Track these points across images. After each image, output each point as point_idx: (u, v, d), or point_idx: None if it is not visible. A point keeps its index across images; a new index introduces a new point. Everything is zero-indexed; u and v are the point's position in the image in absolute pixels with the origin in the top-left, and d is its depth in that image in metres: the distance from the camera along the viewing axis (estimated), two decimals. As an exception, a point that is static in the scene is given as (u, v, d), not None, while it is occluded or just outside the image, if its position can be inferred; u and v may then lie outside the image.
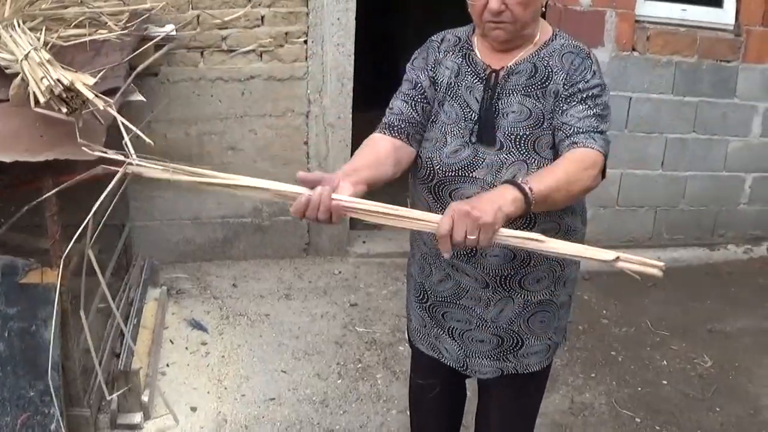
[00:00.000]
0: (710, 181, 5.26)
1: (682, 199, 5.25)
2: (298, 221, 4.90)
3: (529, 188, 1.90)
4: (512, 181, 1.95)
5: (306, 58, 4.61)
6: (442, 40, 2.37)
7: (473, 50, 2.31)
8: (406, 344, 3.17)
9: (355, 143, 4.69)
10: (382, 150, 2.21)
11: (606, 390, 3.83)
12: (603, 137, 2.12)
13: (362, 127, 2.47)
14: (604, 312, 4.52)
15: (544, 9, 2.23)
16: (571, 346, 4.09)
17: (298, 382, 3.77)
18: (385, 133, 2.27)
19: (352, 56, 4.64)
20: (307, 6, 4.51)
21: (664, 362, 4.03)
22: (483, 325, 2.37)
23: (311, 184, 1.88)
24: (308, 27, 4.55)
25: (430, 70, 2.32)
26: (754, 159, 5.28)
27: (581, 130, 2.11)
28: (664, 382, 3.88)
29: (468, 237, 1.79)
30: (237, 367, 3.84)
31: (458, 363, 2.47)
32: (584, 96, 2.15)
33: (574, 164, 2.04)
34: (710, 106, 5.06)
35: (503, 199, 1.87)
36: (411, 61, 2.38)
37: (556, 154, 2.17)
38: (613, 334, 4.29)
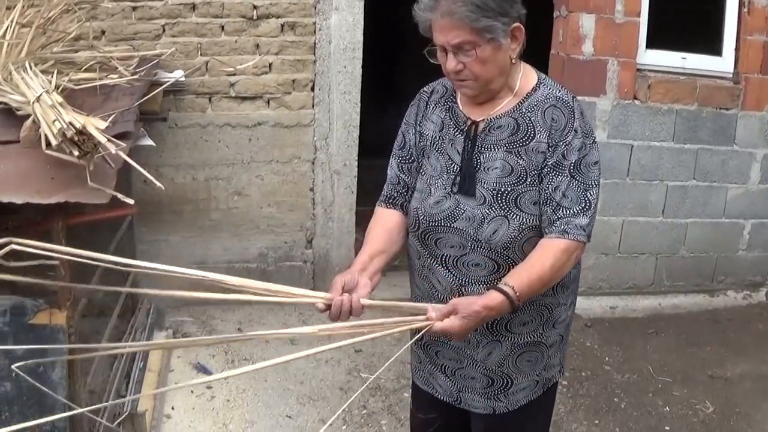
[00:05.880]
0: (710, 228, 5.30)
1: (683, 246, 5.28)
2: (303, 266, 4.94)
3: (515, 293, 2.10)
4: (500, 289, 2.11)
5: (313, 106, 4.68)
6: (432, 91, 2.44)
7: (456, 102, 2.35)
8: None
9: (361, 189, 4.77)
10: (392, 224, 2.43)
11: (609, 437, 3.84)
12: (590, 219, 2.20)
13: (368, 173, 2.54)
14: (607, 359, 4.52)
15: (513, 62, 2.21)
16: (574, 393, 4.10)
17: (303, 427, 3.77)
18: (389, 207, 2.46)
19: (359, 104, 4.72)
20: (314, 54, 4.59)
21: (667, 408, 4.03)
22: (474, 364, 2.41)
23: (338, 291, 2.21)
24: (315, 75, 4.64)
25: (418, 125, 2.41)
26: (752, 205, 5.32)
27: (569, 213, 2.18)
28: (667, 428, 3.88)
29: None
30: (242, 411, 3.84)
31: (452, 397, 2.50)
32: (571, 165, 2.19)
33: (561, 256, 2.17)
34: (710, 154, 5.12)
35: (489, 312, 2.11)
36: (406, 114, 2.47)
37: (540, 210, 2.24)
38: (616, 380, 4.29)
